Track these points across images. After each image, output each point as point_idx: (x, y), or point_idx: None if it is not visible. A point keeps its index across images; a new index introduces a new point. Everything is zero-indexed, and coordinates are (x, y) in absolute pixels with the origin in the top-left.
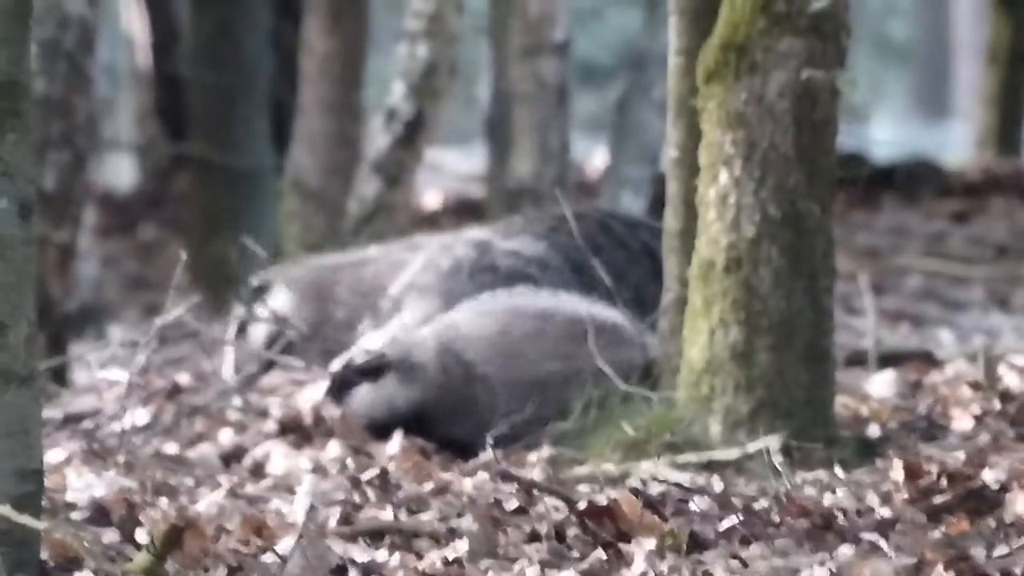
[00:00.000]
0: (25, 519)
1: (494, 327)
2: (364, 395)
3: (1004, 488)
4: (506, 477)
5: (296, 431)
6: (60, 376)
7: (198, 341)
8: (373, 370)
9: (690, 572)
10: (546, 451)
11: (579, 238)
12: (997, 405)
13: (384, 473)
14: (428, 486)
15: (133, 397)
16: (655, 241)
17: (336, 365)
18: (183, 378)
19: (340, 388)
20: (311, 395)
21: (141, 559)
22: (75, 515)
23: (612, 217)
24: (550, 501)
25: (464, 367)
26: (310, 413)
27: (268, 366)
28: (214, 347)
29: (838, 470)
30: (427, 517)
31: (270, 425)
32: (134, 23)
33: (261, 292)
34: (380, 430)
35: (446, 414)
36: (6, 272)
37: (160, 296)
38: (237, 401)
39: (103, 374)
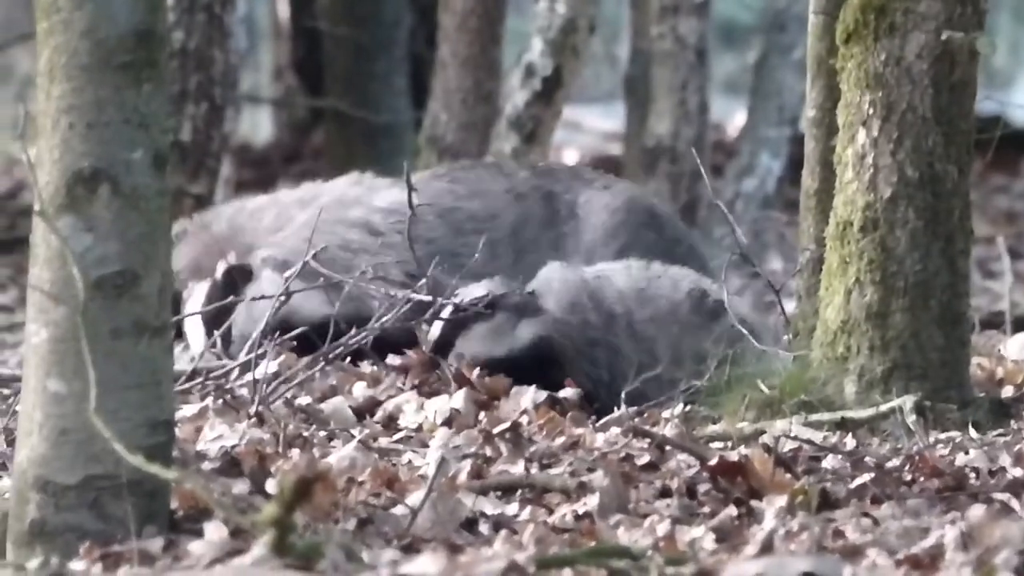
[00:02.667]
0: (155, 469)
1: (642, 285)
2: (477, 332)
3: None
4: (638, 433)
5: (429, 385)
6: None
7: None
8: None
9: (820, 530)
10: (679, 409)
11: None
12: None
13: (516, 427)
14: (560, 441)
15: (265, 349)
16: (556, 184)
17: (443, 312)
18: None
19: (446, 338)
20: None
21: (271, 510)
22: (206, 466)
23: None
24: (682, 457)
25: (606, 314)
26: (443, 366)
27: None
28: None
29: (972, 431)
30: (558, 472)
31: (403, 379)
32: None
33: None
34: (497, 371)
35: (573, 356)
36: (140, 223)
37: None
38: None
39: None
